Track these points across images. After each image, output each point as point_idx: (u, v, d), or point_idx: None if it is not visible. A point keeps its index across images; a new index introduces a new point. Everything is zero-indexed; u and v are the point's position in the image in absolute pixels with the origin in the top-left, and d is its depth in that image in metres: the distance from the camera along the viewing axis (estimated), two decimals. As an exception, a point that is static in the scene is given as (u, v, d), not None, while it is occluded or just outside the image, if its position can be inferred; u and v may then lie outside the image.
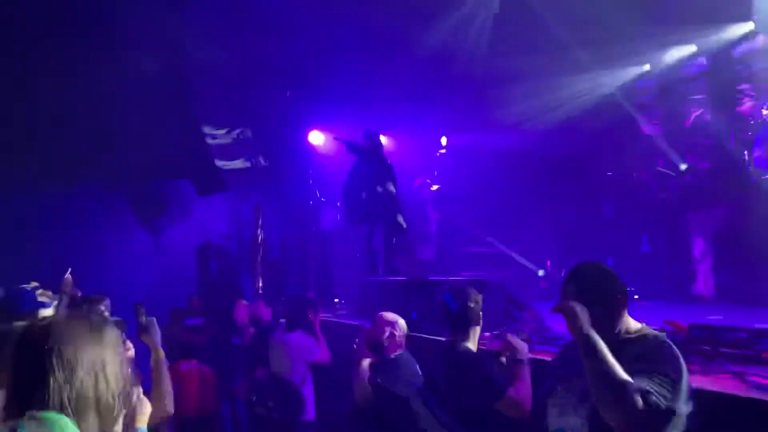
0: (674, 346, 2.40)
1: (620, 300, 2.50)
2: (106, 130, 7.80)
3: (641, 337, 2.46)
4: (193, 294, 8.70)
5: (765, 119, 7.56)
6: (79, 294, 4.47)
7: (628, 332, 2.49)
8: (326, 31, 8.99)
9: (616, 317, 2.49)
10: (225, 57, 7.78)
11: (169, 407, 2.82)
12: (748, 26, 8.10)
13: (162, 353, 2.93)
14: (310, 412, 5.59)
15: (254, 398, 5.59)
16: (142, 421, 2.43)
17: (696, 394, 2.72)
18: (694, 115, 8.82)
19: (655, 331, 2.57)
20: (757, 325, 3.65)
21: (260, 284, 8.57)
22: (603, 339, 2.44)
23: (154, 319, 2.99)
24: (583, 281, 2.55)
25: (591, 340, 2.27)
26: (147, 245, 9.41)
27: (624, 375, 2.18)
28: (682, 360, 2.34)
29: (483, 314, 3.69)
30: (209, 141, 8.02)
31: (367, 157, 7.94)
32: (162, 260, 9.42)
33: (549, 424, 2.60)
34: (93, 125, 7.81)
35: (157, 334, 2.95)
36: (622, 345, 2.42)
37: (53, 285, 4.50)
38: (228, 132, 8.46)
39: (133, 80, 7.49)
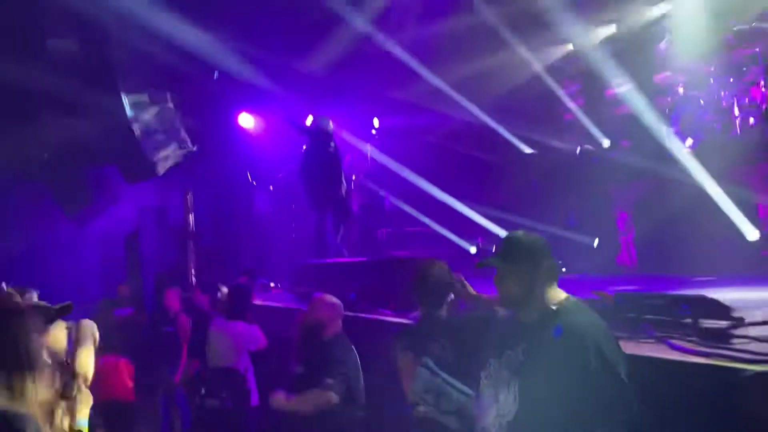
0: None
1: (550, 271, 2.59)
2: (25, 117, 7.44)
3: (565, 307, 2.54)
4: (122, 283, 8.46)
5: (681, 96, 7.94)
6: (3, 285, 4.28)
7: (555, 302, 2.56)
8: (252, 11, 8.85)
9: (546, 287, 2.57)
10: (149, 38, 7.53)
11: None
12: (666, 7, 8.43)
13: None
14: (255, 398, 5.57)
15: (203, 390, 5.50)
16: (84, 413, 2.38)
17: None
18: (614, 92, 9.14)
19: (579, 301, 2.66)
20: (677, 292, 3.86)
21: (193, 271, 8.41)
22: (531, 308, 2.57)
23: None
24: (515, 249, 2.62)
25: None
26: (74, 235, 9.08)
27: None
28: None
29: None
30: (136, 127, 7.75)
31: (318, 143, 7.92)
32: (90, 249, 9.12)
33: (483, 397, 2.64)
34: (9, 111, 7.43)
35: None
36: (549, 314, 2.51)
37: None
38: (153, 108, 8.17)
39: (53, 63, 7.16)
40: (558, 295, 2.59)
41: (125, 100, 7.72)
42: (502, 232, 8.84)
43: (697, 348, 2.95)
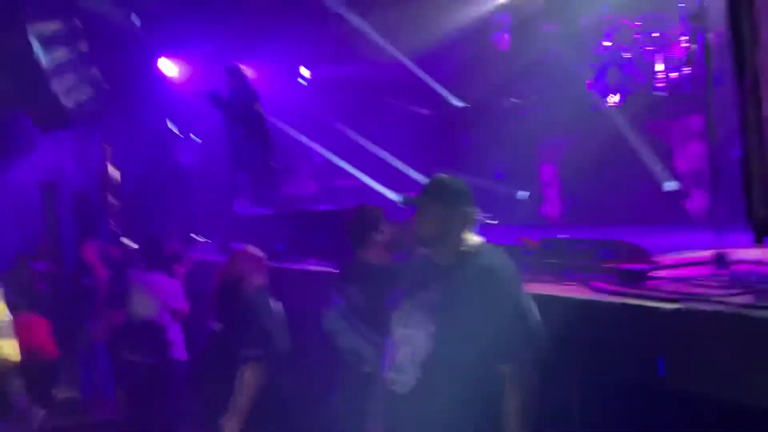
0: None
1: (468, 215, 2.62)
2: None
3: (479, 250, 2.61)
4: (39, 236, 8.10)
5: (605, 51, 8.05)
6: None
7: (470, 245, 2.62)
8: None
9: (462, 230, 2.61)
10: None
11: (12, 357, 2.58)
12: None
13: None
14: (182, 352, 5.45)
15: (124, 344, 5.35)
16: None
17: (549, 301, 2.98)
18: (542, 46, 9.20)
19: (494, 246, 2.75)
20: (595, 238, 3.96)
21: (113, 224, 8.09)
22: (446, 249, 2.60)
23: None
24: (435, 188, 2.68)
25: None
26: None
27: None
28: None
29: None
30: (45, 69, 7.27)
31: (240, 108, 7.44)
32: (4, 200, 8.64)
33: (395, 336, 2.66)
34: None
35: None
36: (463, 256, 2.57)
37: None
38: (63, 47, 7.66)
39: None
40: (474, 239, 2.64)
41: (35, 43, 7.22)
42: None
43: (616, 288, 3.04)
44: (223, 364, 3.84)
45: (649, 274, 3.22)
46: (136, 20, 8.62)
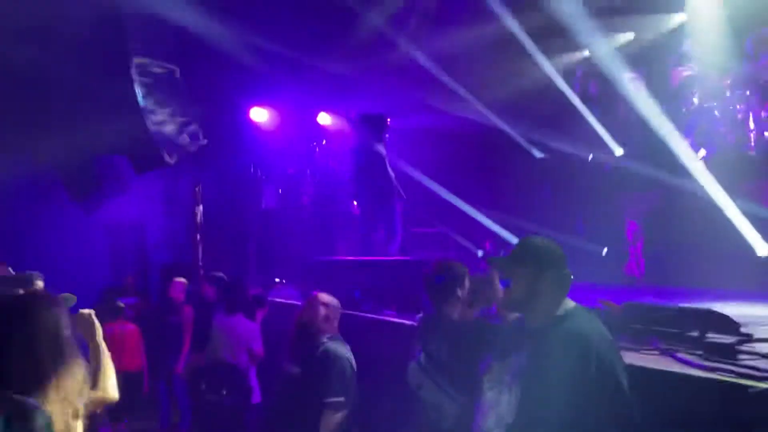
0: None
1: (560, 280, 2.56)
2: (35, 104, 7.45)
3: (571, 315, 2.52)
4: (128, 273, 8.50)
5: (696, 107, 7.88)
6: (10, 270, 4.31)
7: (561, 310, 2.53)
8: (268, 3, 8.84)
9: (553, 294, 2.54)
10: (162, 27, 7.53)
11: (112, 393, 2.67)
12: (683, 16, 8.37)
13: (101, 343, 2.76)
14: (257, 395, 5.57)
15: (203, 385, 5.50)
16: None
17: (629, 370, 2.87)
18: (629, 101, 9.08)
19: (586, 310, 2.64)
20: (684, 304, 3.82)
21: (200, 263, 8.42)
22: (536, 313, 2.55)
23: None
24: (525, 252, 2.60)
25: None
26: (82, 223, 9.09)
27: None
28: None
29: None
30: (147, 117, 7.74)
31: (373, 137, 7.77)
32: (98, 238, 9.13)
33: (484, 399, 2.62)
34: (19, 98, 7.44)
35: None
36: (554, 321, 2.50)
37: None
38: (170, 113, 8.19)
39: (65, 50, 7.16)
40: (566, 303, 2.57)
41: (137, 89, 7.71)
42: (510, 237, 8.80)
43: (703, 362, 2.92)
44: (300, 408, 3.91)
45: (740, 348, 3.08)
46: (228, 69, 9.07)
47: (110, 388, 2.54)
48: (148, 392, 7.01)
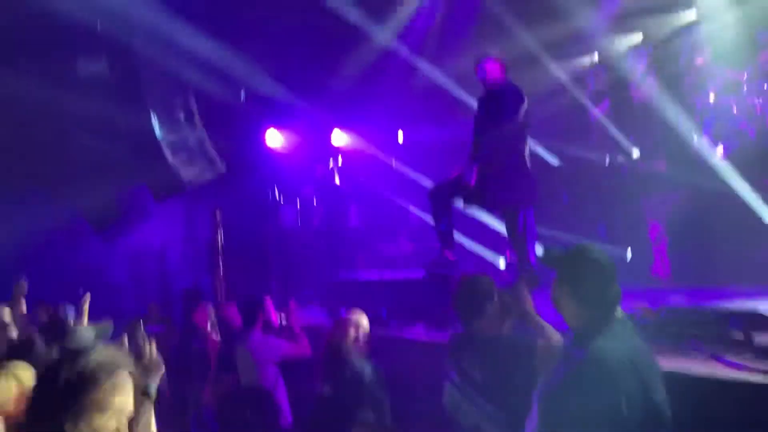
0: None
1: (608, 291, 2.49)
2: (54, 136, 7.52)
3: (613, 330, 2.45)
4: (153, 301, 8.48)
5: (712, 103, 7.78)
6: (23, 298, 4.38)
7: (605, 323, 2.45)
8: (276, 27, 8.89)
9: (603, 308, 2.48)
10: (176, 57, 7.60)
11: None
12: (693, 15, 8.30)
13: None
14: (287, 417, 5.49)
15: (228, 409, 5.45)
16: None
17: (668, 377, 2.79)
18: (643, 102, 9.01)
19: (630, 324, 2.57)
20: (721, 305, 3.74)
21: (224, 288, 8.40)
22: (583, 327, 2.48)
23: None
24: (582, 264, 2.52)
25: None
26: (104, 253, 9.13)
27: None
28: None
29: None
30: (164, 146, 7.80)
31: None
32: (120, 267, 9.15)
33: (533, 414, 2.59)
34: (39, 131, 7.51)
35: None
36: (596, 336, 2.40)
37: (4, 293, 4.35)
38: (182, 125, 8.21)
39: (82, 83, 7.24)
40: (617, 314, 2.50)
41: (154, 118, 7.77)
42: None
43: (753, 364, 2.83)
44: (333, 428, 3.88)
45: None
46: (244, 98, 9.13)
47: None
48: (179, 425, 6.94)
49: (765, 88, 7.31)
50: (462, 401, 3.32)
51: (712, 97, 7.79)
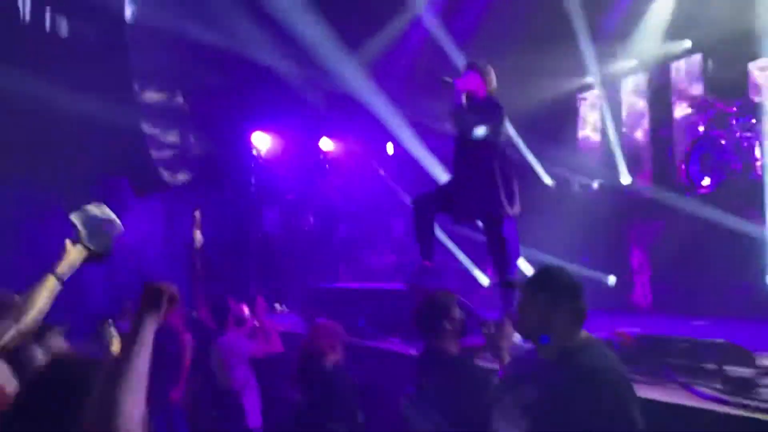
0: None
1: (574, 312, 2.48)
2: (37, 126, 7.42)
3: (585, 348, 2.45)
4: (127, 300, 8.35)
5: (701, 135, 7.81)
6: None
7: (575, 342, 2.46)
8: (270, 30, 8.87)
9: (567, 326, 2.46)
10: (166, 49, 7.54)
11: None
12: (685, 44, 8.37)
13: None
14: (256, 419, 5.41)
15: (198, 410, 5.39)
16: None
17: (645, 405, 2.76)
18: (633, 128, 9.06)
19: (601, 343, 2.58)
20: (700, 336, 3.72)
21: (200, 289, 8.28)
22: (550, 345, 2.46)
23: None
24: (541, 280, 2.55)
25: None
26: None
27: None
28: None
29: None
30: (148, 139, 7.72)
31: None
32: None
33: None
34: (20, 121, 7.40)
35: None
36: (567, 353, 2.42)
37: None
38: (165, 118, 8.11)
39: (68, 74, 7.16)
40: (580, 334, 2.49)
41: (139, 109, 7.70)
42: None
43: (722, 396, 2.82)
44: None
45: (759, 381, 2.97)
46: (229, 95, 9.07)
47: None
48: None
49: (753, 122, 7.34)
50: (417, 416, 3.27)
51: (701, 129, 7.81)
